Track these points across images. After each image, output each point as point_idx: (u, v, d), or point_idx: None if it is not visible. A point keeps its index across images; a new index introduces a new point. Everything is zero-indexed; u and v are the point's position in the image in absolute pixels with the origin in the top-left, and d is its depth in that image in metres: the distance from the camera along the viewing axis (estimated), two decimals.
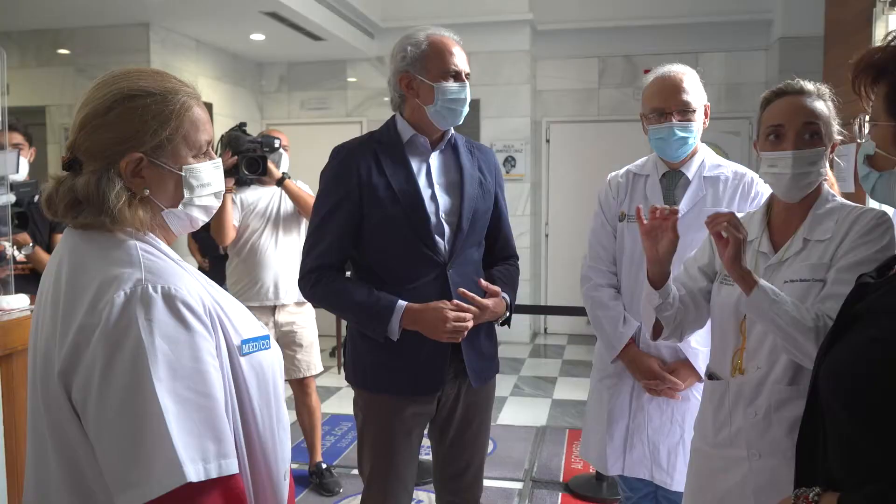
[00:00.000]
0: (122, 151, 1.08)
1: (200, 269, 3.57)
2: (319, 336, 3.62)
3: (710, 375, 1.73)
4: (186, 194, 1.15)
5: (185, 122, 1.13)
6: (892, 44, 1.11)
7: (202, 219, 1.20)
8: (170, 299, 1.01)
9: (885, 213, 1.52)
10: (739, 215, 1.77)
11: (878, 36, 3.29)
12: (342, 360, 5.84)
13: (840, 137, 1.61)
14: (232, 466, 1.01)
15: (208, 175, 1.17)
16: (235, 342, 1.11)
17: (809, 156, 1.55)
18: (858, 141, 1.25)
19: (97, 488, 1.01)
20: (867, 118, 1.18)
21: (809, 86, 1.61)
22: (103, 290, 1.01)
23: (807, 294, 1.51)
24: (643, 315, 1.83)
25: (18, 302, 2.36)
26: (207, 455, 0.98)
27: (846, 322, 1.14)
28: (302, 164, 6.80)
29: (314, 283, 1.95)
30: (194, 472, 0.95)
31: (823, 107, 1.59)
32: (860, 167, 1.19)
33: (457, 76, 1.93)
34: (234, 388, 1.10)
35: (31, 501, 1.11)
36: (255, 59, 6.91)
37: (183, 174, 1.13)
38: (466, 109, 1.96)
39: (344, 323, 5.07)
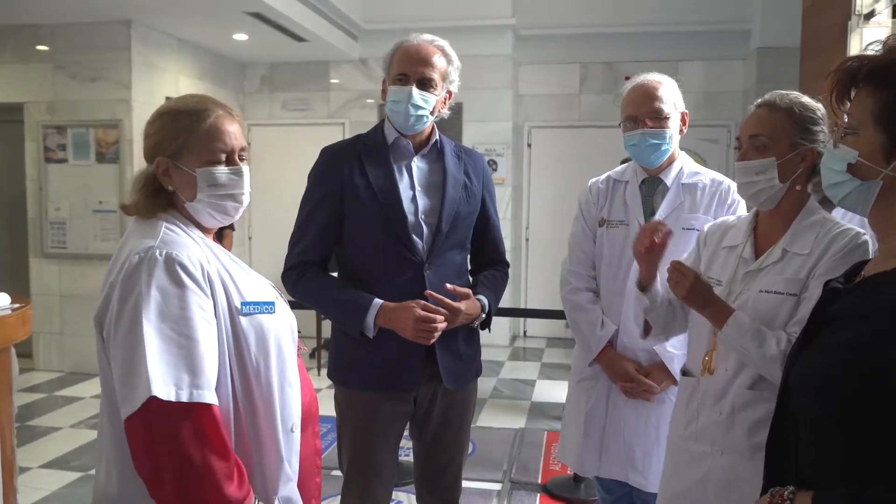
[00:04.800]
0: (153, 156, 1.41)
1: None
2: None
3: (685, 372, 1.78)
4: (199, 194, 1.39)
5: (201, 133, 1.38)
6: (876, 52, 1.11)
7: (219, 215, 1.43)
8: (170, 261, 1.28)
9: (862, 234, 1.53)
10: (720, 220, 1.81)
11: (853, 48, 3.35)
12: (321, 360, 5.83)
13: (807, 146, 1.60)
14: (205, 397, 1.22)
15: (223, 178, 1.40)
16: (236, 303, 1.35)
17: (754, 166, 1.60)
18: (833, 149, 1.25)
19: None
20: (844, 126, 1.19)
21: (772, 97, 1.63)
22: (129, 255, 1.29)
23: (780, 307, 1.54)
24: (634, 314, 1.93)
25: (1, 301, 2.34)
26: (181, 382, 1.21)
27: (816, 326, 1.17)
28: (284, 164, 6.79)
29: (296, 279, 2.01)
30: (165, 393, 1.18)
31: (781, 118, 1.59)
32: (835, 174, 1.18)
33: (403, 79, 1.95)
34: (233, 343, 1.33)
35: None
36: (238, 59, 6.88)
37: (196, 175, 1.38)
38: (415, 111, 1.94)
39: (325, 324, 5.07)
